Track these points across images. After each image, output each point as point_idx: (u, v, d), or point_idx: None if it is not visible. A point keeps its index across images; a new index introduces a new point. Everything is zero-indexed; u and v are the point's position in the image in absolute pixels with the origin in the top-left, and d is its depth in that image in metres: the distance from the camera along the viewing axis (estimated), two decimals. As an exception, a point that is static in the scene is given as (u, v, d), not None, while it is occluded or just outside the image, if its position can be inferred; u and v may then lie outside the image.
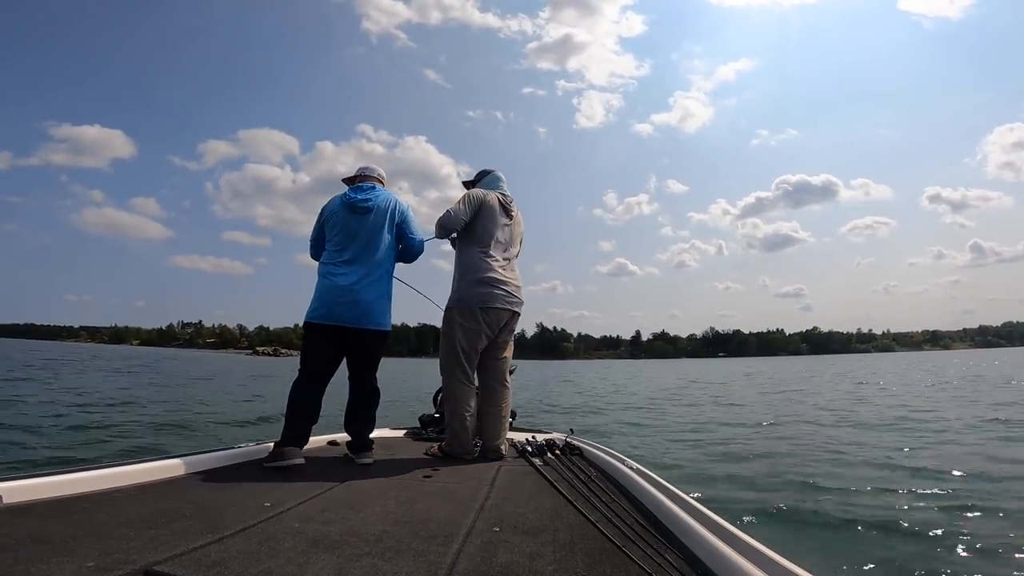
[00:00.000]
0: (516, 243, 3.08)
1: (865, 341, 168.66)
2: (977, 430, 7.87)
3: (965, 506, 4.00)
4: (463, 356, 2.86)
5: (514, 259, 3.06)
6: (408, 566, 1.27)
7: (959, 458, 5.80)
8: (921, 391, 16.03)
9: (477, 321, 2.85)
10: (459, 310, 2.88)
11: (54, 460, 5.23)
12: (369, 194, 2.84)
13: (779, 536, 3.44)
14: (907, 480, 4.97)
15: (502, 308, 2.89)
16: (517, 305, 2.97)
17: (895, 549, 3.26)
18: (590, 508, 1.81)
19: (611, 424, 9.81)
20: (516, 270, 3.04)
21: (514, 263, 3.05)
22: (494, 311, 2.87)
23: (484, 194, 2.96)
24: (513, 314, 2.96)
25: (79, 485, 1.78)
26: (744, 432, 8.44)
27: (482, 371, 2.99)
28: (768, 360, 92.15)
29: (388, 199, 2.88)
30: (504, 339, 2.98)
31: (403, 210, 2.92)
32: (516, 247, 3.08)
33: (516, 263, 3.07)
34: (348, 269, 2.73)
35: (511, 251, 3.03)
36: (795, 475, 5.18)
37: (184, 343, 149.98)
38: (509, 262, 3.00)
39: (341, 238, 2.78)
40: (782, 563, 1.17)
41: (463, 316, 2.86)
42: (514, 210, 3.05)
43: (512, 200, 3.07)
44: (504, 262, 2.96)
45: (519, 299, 2.98)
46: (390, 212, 2.85)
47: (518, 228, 3.08)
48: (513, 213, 3.04)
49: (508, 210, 3.01)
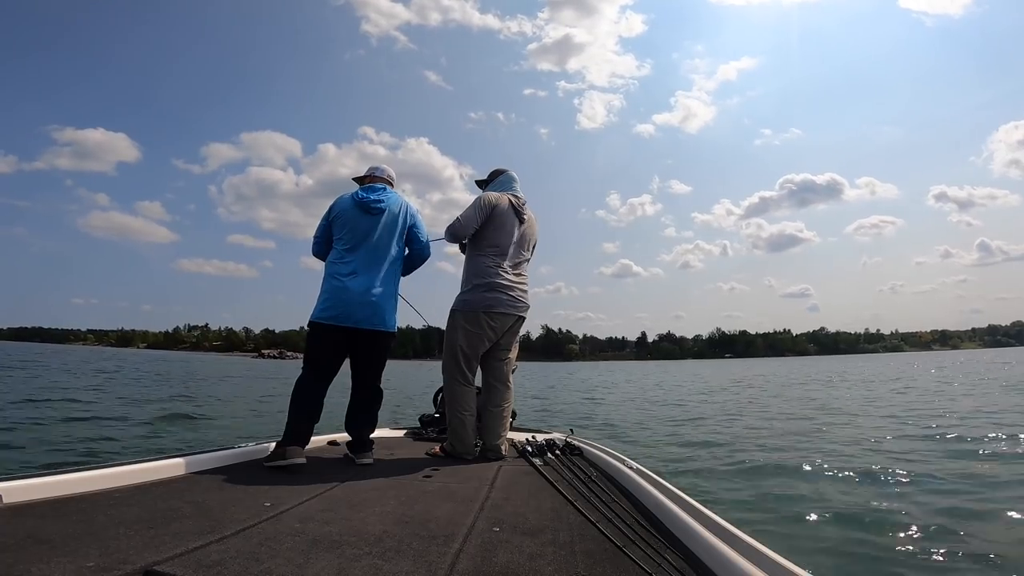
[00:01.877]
0: (528, 247, 3.05)
1: (873, 341, 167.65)
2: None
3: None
4: (463, 358, 2.88)
5: (525, 263, 3.04)
6: (408, 566, 1.27)
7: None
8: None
9: (480, 325, 2.86)
10: (463, 313, 2.90)
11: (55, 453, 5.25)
12: (381, 195, 2.83)
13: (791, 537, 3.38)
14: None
15: (507, 313, 2.90)
16: (523, 310, 2.97)
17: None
18: (590, 508, 1.81)
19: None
20: (525, 274, 3.03)
21: (524, 267, 3.03)
22: (499, 315, 2.88)
23: (496, 198, 2.93)
24: (518, 318, 2.96)
25: (79, 485, 1.77)
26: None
27: (485, 370, 3.00)
28: (784, 361, 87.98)
29: (399, 202, 2.88)
30: (508, 341, 2.99)
31: (413, 213, 2.93)
32: (528, 251, 3.05)
33: (526, 267, 3.06)
34: (357, 269, 2.72)
35: (522, 255, 3.01)
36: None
37: (191, 346, 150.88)
38: (519, 266, 2.99)
39: (351, 238, 2.76)
40: (782, 563, 1.17)
41: (467, 319, 2.88)
42: (527, 213, 3.02)
43: (525, 203, 3.03)
44: (513, 267, 2.95)
45: (525, 303, 2.98)
46: (401, 215, 2.85)
47: (531, 232, 3.05)
48: (526, 216, 3.00)
49: (520, 213, 2.98)
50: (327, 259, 2.84)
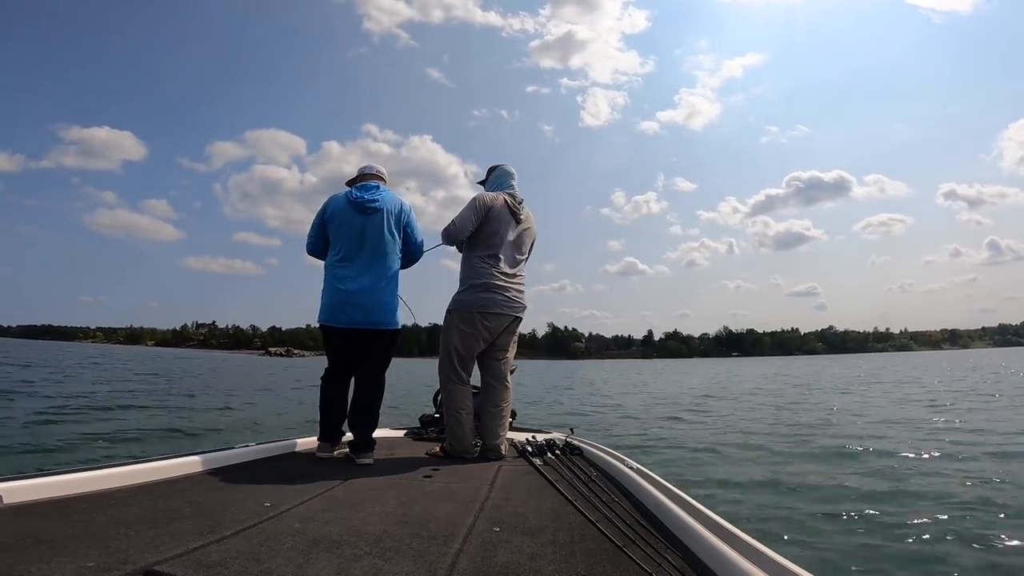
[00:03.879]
0: (525, 247, 3.02)
1: (882, 340, 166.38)
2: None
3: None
4: (457, 359, 2.89)
5: (522, 263, 3.02)
6: (408, 566, 1.28)
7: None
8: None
9: (475, 326, 2.87)
10: (458, 313, 2.90)
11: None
12: (375, 194, 2.84)
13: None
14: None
15: (502, 313, 2.90)
16: (519, 310, 2.96)
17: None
18: (590, 508, 1.81)
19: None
20: (522, 275, 3.01)
21: (521, 267, 3.01)
22: (494, 316, 2.88)
23: (492, 198, 2.91)
24: (514, 319, 2.96)
25: (79, 485, 1.78)
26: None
27: (483, 370, 3.01)
28: (798, 360, 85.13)
29: (394, 200, 2.88)
30: (505, 341, 2.99)
31: (408, 212, 2.93)
32: (525, 252, 3.03)
33: (524, 267, 3.03)
34: (355, 270, 2.75)
35: (519, 256, 2.99)
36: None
37: (198, 343, 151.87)
38: (515, 267, 2.97)
39: (348, 238, 2.77)
40: (782, 563, 1.17)
41: (462, 320, 2.89)
42: (524, 213, 2.99)
43: (522, 201, 3.00)
44: (510, 268, 2.93)
45: (521, 304, 2.97)
46: (396, 213, 2.86)
47: (528, 232, 3.01)
48: (523, 216, 2.97)
49: (517, 213, 2.94)
50: (326, 260, 2.87)
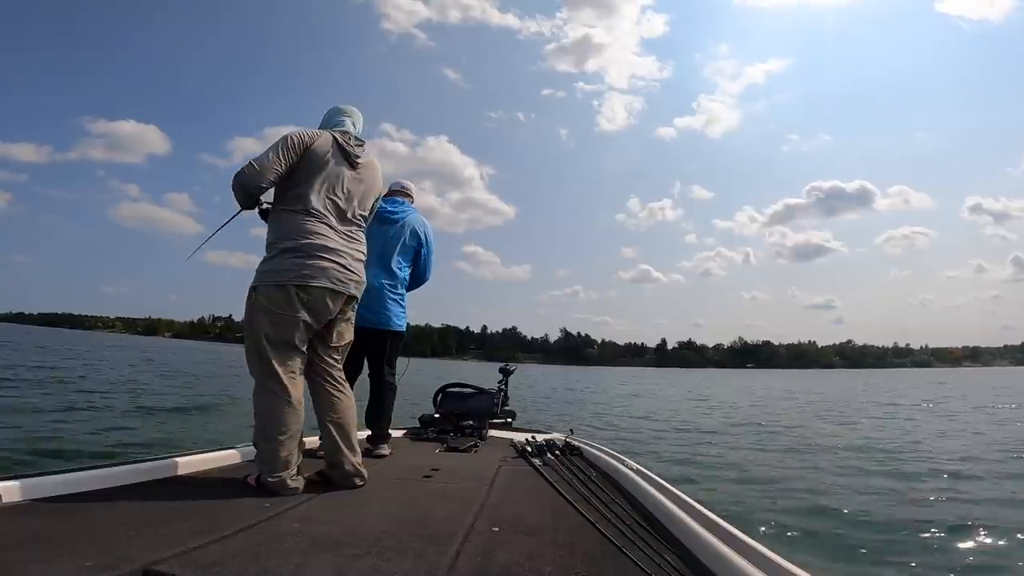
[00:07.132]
0: (366, 202, 2.29)
1: (902, 356, 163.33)
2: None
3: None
4: (270, 352, 2.03)
5: (360, 224, 2.29)
6: (408, 566, 1.29)
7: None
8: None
9: (292, 305, 2.04)
10: (265, 288, 2.07)
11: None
12: (398, 207, 3.01)
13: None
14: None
15: (332, 288, 2.10)
16: (356, 287, 2.21)
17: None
18: (590, 508, 1.82)
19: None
20: (360, 239, 2.27)
21: (358, 231, 2.28)
22: (318, 291, 2.07)
23: (313, 135, 2.17)
24: (349, 297, 2.20)
25: (79, 485, 1.78)
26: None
27: (311, 370, 2.20)
28: (815, 374, 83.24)
29: (419, 220, 3.05)
30: (339, 328, 2.24)
31: (429, 235, 3.07)
32: (365, 208, 2.30)
33: (362, 231, 2.31)
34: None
35: (354, 212, 2.23)
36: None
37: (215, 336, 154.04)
38: (350, 228, 2.22)
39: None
40: (782, 563, 1.17)
41: (270, 298, 2.05)
42: (361, 158, 2.27)
43: (361, 145, 2.29)
44: (341, 226, 2.18)
45: (359, 278, 2.22)
46: (418, 230, 3.02)
47: (369, 182, 2.30)
48: (360, 162, 2.25)
49: (350, 156, 2.22)
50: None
